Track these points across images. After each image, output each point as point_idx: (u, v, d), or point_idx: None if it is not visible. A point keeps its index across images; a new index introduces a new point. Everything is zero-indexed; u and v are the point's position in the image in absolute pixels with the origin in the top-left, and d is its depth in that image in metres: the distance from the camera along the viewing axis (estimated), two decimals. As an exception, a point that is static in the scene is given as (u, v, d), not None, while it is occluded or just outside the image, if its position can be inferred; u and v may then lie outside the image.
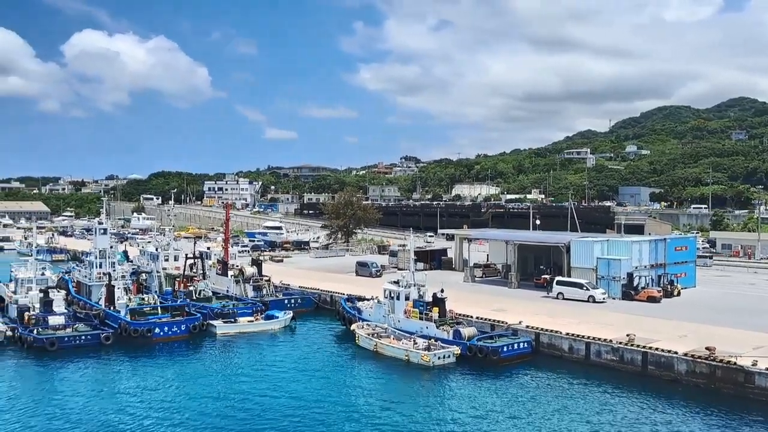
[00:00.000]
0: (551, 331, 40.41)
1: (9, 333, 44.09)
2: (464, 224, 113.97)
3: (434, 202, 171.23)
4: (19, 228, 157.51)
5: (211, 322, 48.42)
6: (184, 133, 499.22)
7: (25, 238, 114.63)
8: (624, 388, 33.72)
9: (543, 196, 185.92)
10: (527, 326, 41.66)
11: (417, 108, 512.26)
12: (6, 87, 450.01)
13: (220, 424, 29.42)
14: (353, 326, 45.28)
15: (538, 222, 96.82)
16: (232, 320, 49.27)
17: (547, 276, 57.62)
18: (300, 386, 35.07)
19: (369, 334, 43.15)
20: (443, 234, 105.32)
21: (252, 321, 49.71)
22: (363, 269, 70.66)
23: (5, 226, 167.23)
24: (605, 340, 37.80)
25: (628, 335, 37.41)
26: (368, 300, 49.68)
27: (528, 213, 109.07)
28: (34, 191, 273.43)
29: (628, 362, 36.25)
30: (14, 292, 50.82)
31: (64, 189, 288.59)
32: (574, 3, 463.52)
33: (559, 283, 54.02)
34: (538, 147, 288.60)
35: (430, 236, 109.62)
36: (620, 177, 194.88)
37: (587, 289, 52.12)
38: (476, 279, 64.70)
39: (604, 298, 51.69)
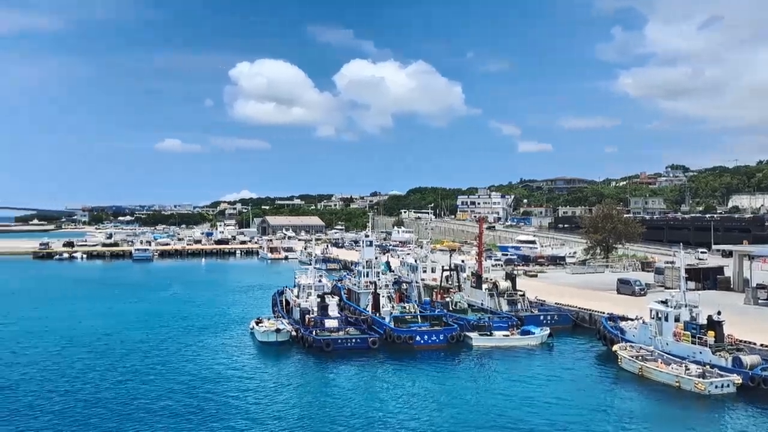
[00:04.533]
0: None
1: (294, 333, 49.73)
2: (744, 240, 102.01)
3: (707, 215, 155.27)
4: (300, 240, 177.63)
5: (467, 333, 49.54)
6: (438, 149, 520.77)
7: (305, 249, 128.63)
8: None
9: None
10: (829, 359, 35.69)
11: (684, 112, 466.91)
12: (291, 117, 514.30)
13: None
14: (615, 347, 42.89)
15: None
16: (488, 333, 49.83)
17: None
18: (560, 404, 34.20)
19: (633, 356, 40.55)
20: (718, 250, 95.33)
21: (508, 335, 49.78)
22: (625, 287, 66.59)
23: (289, 238, 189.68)
24: None
25: None
26: (632, 320, 46.80)
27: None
28: (312, 207, 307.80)
29: None
30: (297, 297, 56.89)
31: (335, 205, 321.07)
32: None
33: None
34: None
35: (702, 252, 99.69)
36: None
37: None
38: (760, 301, 57.11)
39: None
